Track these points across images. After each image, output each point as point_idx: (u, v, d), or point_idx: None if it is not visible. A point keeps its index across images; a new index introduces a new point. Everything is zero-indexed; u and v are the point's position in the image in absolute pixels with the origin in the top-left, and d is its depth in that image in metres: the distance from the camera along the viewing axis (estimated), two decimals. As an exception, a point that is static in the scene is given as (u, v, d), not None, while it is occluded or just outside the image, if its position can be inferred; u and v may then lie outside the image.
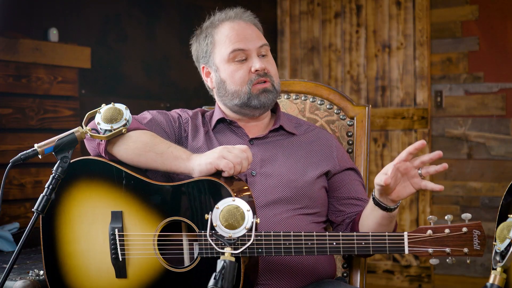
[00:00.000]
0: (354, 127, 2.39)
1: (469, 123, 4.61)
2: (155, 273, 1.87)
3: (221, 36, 2.11)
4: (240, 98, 2.09)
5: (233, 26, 2.12)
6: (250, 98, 2.08)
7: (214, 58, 2.12)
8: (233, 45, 2.08)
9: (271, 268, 1.96)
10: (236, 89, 2.09)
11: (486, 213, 4.50)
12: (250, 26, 2.13)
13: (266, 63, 2.10)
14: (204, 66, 2.17)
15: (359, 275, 2.27)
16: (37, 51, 3.38)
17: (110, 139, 1.91)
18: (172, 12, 4.35)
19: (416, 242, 1.68)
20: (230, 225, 1.67)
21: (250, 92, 2.07)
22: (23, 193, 3.31)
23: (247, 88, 2.08)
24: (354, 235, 1.73)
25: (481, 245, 1.66)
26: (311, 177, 2.07)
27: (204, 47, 2.15)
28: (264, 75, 2.08)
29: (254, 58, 2.08)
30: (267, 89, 2.09)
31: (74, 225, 1.94)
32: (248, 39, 2.09)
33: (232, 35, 2.09)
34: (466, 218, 1.67)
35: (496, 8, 4.50)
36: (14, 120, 3.29)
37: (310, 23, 5.09)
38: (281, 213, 2.01)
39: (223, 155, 1.83)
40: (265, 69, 2.09)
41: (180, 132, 2.13)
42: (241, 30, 2.11)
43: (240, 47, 2.08)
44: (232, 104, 2.11)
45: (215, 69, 2.13)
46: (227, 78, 2.10)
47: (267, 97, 2.09)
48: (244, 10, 2.17)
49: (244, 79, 2.08)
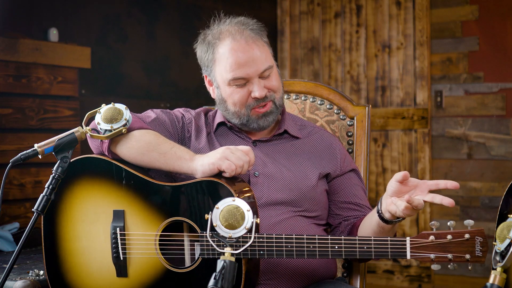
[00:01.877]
0: (354, 127, 2.39)
1: (469, 123, 4.61)
2: (156, 273, 1.87)
3: (221, 55, 2.04)
4: (240, 119, 2.08)
5: (234, 48, 2.02)
6: (249, 120, 2.08)
7: (215, 75, 2.09)
8: (233, 73, 2.02)
9: (271, 268, 1.96)
10: (235, 110, 2.07)
11: (486, 213, 4.50)
12: (252, 48, 2.03)
13: (268, 82, 2.06)
14: (206, 75, 2.15)
15: (359, 275, 2.27)
16: (37, 51, 3.38)
17: (113, 137, 1.92)
18: (172, 12, 4.35)
19: (418, 247, 1.69)
20: (230, 225, 1.68)
21: (249, 116, 2.07)
22: (23, 193, 3.31)
23: (246, 111, 2.06)
24: (357, 239, 1.73)
25: (483, 251, 1.66)
26: (313, 180, 2.07)
27: (206, 58, 2.10)
28: (263, 100, 2.06)
29: (255, 84, 2.03)
30: (267, 112, 2.08)
31: (75, 223, 1.94)
32: (249, 65, 2.02)
33: (232, 61, 2.01)
34: (468, 225, 1.68)
35: (496, 8, 4.50)
36: (14, 120, 3.29)
37: (310, 23, 5.09)
38: (283, 214, 2.01)
39: (226, 156, 1.83)
40: (265, 95, 2.05)
41: (184, 133, 2.13)
42: (241, 55, 2.01)
43: (240, 75, 2.02)
44: (233, 122, 2.12)
45: (217, 86, 2.10)
46: (227, 98, 2.08)
47: (267, 120, 2.08)
48: (247, 21, 2.09)
49: (243, 102, 2.05)
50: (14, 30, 3.35)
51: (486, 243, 1.68)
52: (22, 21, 3.41)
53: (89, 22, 3.78)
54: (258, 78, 2.03)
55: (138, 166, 1.95)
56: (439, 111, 4.70)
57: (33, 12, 3.46)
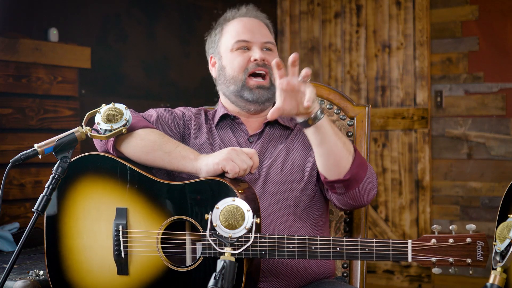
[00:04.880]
0: (354, 127, 2.39)
1: (469, 123, 4.61)
2: (157, 272, 1.87)
3: (229, 27, 2.18)
4: (236, 84, 2.12)
5: (242, 20, 2.18)
6: (243, 87, 2.11)
7: (220, 47, 2.18)
8: (238, 36, 2.14)
9: (271, 267, 1.96)
10: (233, 75, 2.13)
11: (486, 213, 4.50)
12: (259, 23, 2.19)
13: (268, 55, 2.13)
14: (212, 56, 2.24)
15: (359, 275, 2.27)
16: (37, 51, 3.38)
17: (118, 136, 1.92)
18: (172, 12, 4.35)
19: (420, 250, 1.69)
20: (230, 225, 1.68)
21: (245, 82, 2.11)
22: (23, 193, 3.31)
23: (243, 76, 2.12)
24: (358, 241, 1.74)
25: (484, 256, 1.67)
26: (312, 175, 2.08)
27: (213, 38, 2.23)
28: (263, 66, 2.11)
29: (255, 49, 2.13)
30: (263, 86, 2.12)
31: (78, 220, 1.94)
32: (254, 33, 2.14)
33: (240, 27, 2.16)
34: (470, 229, 1.68)
35: (496, 8, 4.50)
36: (14, 120, 3.29)
37: (310, 23, 5.09)
38: (282, 212, 2.02)
39: (231, 157, 1.85)
40: (264, 59, 2.11)
41: (184, 130, 2.15)
42: (249, 24, 2.17)
43: (244, 38, 2.13)
44: (229, 91, 2.15)
45: (219, 57, 2.19)
46: (227, 64, 2.15)
47: (261, 93, 2.12)
48: (257, 8, 2.24)
49: (242, 66, 2.12)
50: (14, 30, 3.35)
51: (488, 248, 1.68)
52: (22, 21, 3.41)
53: (89, 22, 3.78)
54: (260, 48, 2.14)
55: (142, 165, 1.96)
56: (439, 111, 4.70)
57: (33, 12, 3.46)
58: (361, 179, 1.94)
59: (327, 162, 1.92)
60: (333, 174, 1.93)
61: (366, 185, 1.96)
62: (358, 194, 1.96)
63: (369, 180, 1.96)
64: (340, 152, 1.90)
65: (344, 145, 1.91)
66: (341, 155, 1.90)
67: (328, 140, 1.89)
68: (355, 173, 1.92)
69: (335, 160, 1.91)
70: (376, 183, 2.01)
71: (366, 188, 1.96)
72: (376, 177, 2.02)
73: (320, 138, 1.89)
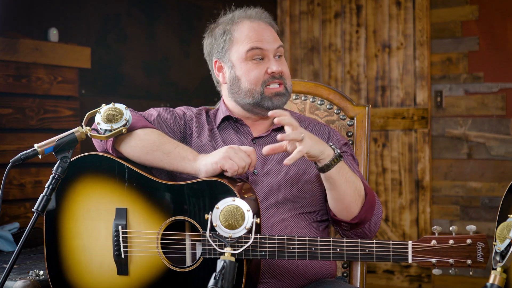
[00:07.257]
0: (354, 127, 2.38)
1: (469, 123, 4.61)
2: (157, 272, 1.87)
3: (240, 34, 2.12)
4: (254, 97, 2.09)
5: (253, 26, 2.13)
6: (263, 99, 2.09)
7: (231, 55, 2.12)
8: (252, 43, 2.10)
9: (272, 267, 1.96)
10: (250, 88, 2.09)
11: (486, 213, 4.50)
12: (268, 28, 2.17)
13: (281, 64, 2.13)
14: (217, 60, 2.17)
15: (359, 274, 2.27)
16: (37, 51, 3.38)
17: (117, 136, 1.92)
18: (172, 12, 4.35)
19: (420, 251, 1.69)
20: (230, 225, 1.68)
21: (263, 93, 2.09)
22: (23, 193, 3.31)
23: (260, 88, 2.09)
24: (358, 242, 1.74)
25: (484, 257, 1.67)
26: (312, 175, 2.08)
27: (221, 43, 2.15)
28: (279, 78, 2.10)
29: (271, 60, 2.11)
30: (281, 92, 2.10)
31: (77, 220, 1.94)
32: (267, 40, 2.12)
33: (252, 35, 2.11)
34: (470, 230, 1.68)
35: (496, 8, 4.50)
36: (14, 120, 3.29)
37: (310, 23, 5.09)
38: (282, 213, 2.02)
39: (229, 155, 1.85)
40: (281, 71, 2.11)
41: (185, 130, 2.14)
42: (260, 31, 2.13)
43: (258, 46, 2.10)
44: (244, 102, 2.12)
45: (231, 66, 2.13)
46: (243, 76, 2.10)
47: (280, 100, 2.11)
48: (263, 10, 2.21)
49: (259, 78, 2.09)
50: (14, 30, 3.35)
51: (488, 249, 1.68)
52: (22, 21, 3.41)
53: (89, 22, 3.78)
54: (273, 55, 2.13)
55: (141, 165, 1.96)
56: (439, 111, 4.70)
57: (33, 12, 3.46)
58: (368, 221, 2.00)
59: (336, 205, 1.98)
60: (341, 216, 2.00)
61: (371, 225, 2.02)
62: (362, 232, 2.02)
63: (374, 220, 2.02)
64: (349, 198, 1.95)
65: (355, 191, 1.96)
66: (350, 201, 1.96)
67: (338, 188, 1.93)
68: (363, 218, 1.98)
69: (343, 205, 1.97)
70: (380, 220, 2.06)
71: (371, 228, 2.02)
72: (381, 212, 2.07)
73: (330, 185, 1.94)
